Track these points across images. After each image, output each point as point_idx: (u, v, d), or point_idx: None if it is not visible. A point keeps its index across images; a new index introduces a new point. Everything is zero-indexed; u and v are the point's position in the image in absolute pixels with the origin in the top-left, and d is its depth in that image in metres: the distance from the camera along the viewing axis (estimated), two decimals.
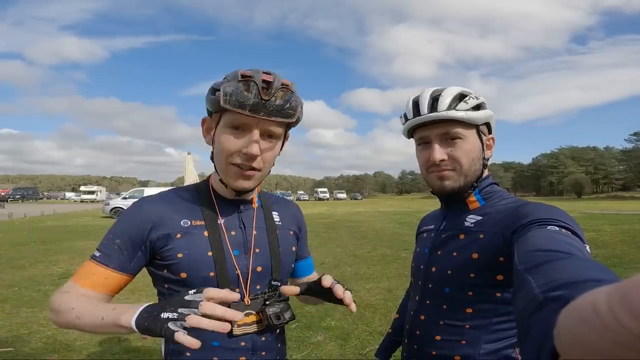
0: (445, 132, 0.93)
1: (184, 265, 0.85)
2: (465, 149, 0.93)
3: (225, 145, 0.84)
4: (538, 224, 0.73)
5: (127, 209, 0.91)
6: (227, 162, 0.85)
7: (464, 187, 0.96)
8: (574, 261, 0.51)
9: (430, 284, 0.98)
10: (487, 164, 0.99)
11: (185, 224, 0.88)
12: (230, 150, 0.84)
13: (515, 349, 0.90)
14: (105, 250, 0.84)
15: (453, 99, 0.92)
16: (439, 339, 0.93)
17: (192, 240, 0.87)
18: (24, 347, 3.35)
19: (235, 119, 0.82)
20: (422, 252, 1.04)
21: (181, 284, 0.86)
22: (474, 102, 0.93)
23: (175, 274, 0.86)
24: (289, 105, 0.83)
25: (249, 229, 0.94)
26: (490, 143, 0.99)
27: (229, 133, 0.84)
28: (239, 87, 0.79)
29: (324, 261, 7.24)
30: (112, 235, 0.86)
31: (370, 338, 3.54)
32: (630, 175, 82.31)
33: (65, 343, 3.42)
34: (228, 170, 0.86)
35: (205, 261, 0.86)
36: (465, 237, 0.93)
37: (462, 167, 0.93)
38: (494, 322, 0.88)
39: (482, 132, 0.97)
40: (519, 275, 0.55)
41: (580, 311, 0.26)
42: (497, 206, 0.94)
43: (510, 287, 0.86)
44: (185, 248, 0.85)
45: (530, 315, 0.42)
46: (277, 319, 0.88)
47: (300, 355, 3.23)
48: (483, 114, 0.95)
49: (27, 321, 3.97)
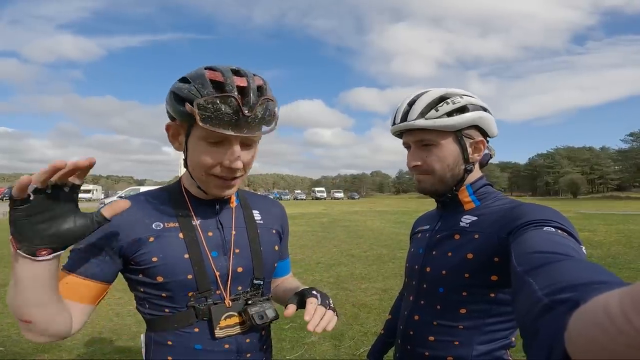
0: (419, 139, 0.96)
1: (159, 268, 0.82)
2: (438, 156, 0.94)
3: (203, 160, 0.79)
4: (534, 225, 0.74)
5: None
6: (207, 174, 0.82)
7: (442, 190, 0.98)
8: (573, 263, 0.51)
9: (424, 284, 0.97)
10: (472, 168, 0.97)
11: (157, 226, 0.85)
12: (208, 165, 0.80)
13: (507, 350, 0.91)
14: (72, 258, 0.81)
15: (427, 106, 0.92)
16: (433, 339, 0.92)
17: (166, 243, 0.84)
18: (14, 347, 3.32)
19: (211, 134, 0.76)
20: (416, 253, 1.04)
21: (158, 288, 0.83)
22: (450, 108, 0.91)
23: (151, 277, 0.83)
24: (268, 112, 0.79)
25: (228, 229, 0.91)
26: (479, 146, 0.97)
27: (205, 147, 0.78)
28: (215, 104, 0.72)
29: (320, 261, 7.23)
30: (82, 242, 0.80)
31: (365, 338, 3.52)
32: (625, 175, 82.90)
33: (56, 343, 3.38)
34: (208, 180, 0.83)
35: (182, 264, 0.83)
36: (460, 238, 0.93)
37: (436, 173, 0.95)
38: (488, 322, 0.88)
39: (468, 135, 0.94)
40: (518, 277, 0.55)
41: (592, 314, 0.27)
42: (492, 207, 0.94)
43: (504, 288, 0.86)
44: (159, 251, 0.82)
45: (536, 319, 0.42)
46: (260, 319, 0.86)
47: (294, 355, 3.20)
48: (462, 118, 0.92)
49: (17, 321, 3.92)
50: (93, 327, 3.76)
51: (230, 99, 0.73)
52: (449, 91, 0.95)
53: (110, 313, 4.20)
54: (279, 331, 3.62)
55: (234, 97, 0.73)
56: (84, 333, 3.63)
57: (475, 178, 0.99)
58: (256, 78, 0.80)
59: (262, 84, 0.80)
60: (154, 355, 0.85)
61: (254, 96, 0.76)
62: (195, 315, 0.84)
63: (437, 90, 0.95)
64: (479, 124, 0.95)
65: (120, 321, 3.96)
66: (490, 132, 0.98)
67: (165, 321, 0.84)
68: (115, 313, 4.20)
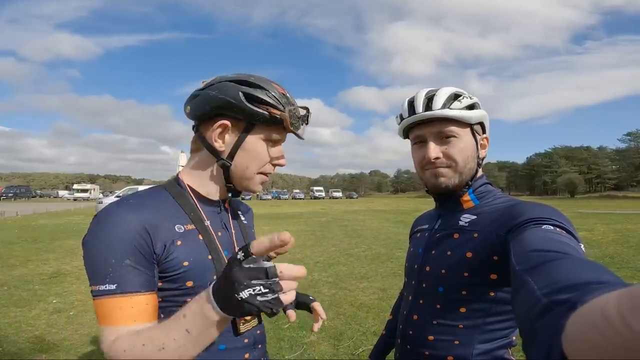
0: (439, 130, 0.95)
1: (190, 273, 0.78)
2: (460, 147, 0.94)
3: (262, 155, 0.87)
4: (533, 223, 0.74)
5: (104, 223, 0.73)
6: (258, 171, 0.88)
7: (458, 185, 0.97)
8: (572, 262, 0.51)
9: (424, 284, 0.97)
10: (481, 164, 1.00)
11: (179, 229, 0.81)
12: (265, 160, 0.88)
13: (509, 349, 0.90)
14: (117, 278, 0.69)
15: (447, 98, 0.94)
16: (432, 339, 0.92)
17: (192, 245, 0.81)
18: (12, 347, 3.31)
19: (276, 135, 0.87)
20: (416, 252, 1.04)
21: (185, 294, 0.78)
22: (467, 102, 0.95)
23: (181, 283, 0.78)
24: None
25: (229, 228, 0.93)
26: (484, 143, 1.01)
27: (265, 144, 0.87)
28: (297, 115, 0.87)
29: (319, 260, 7.23)
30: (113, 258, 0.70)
31: (364, 338, 3.52)
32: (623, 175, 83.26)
33: (54, 343, 3.38)
34: (255, 178, 0.88)
35: (208, 266, 0.82)
36: (460, 237, 0.93)
37: (457, 165, 0.95)
38: (488, 321, 0.88)
39: (476, 131, 0.98)
40: (517, 276, 0.55)
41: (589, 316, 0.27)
42: (491, 205, 0.94)
43: (504, 287, 0.86)
44: (189, 255, 0.79)
45: (535, 319, 0.42)
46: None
47: (293, 355, 3.20)
48: (476, 113, 0.96)
49: (15, 321, 3.93)
50: (91, 327, 3.75)
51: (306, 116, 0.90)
52: (459, 90, 0.98)
53: None
54: (278, 330, 3.62)
55: (306, 109, 0.90)
56: (82, 333, 3.62)
57: (475, 177, 1.00)
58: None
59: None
60: None
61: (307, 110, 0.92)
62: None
63: (449, 88, 0.98)
64: (485, 121, 1.00)
65: None
66: (487, 131, 1.02)
67: None
68: None
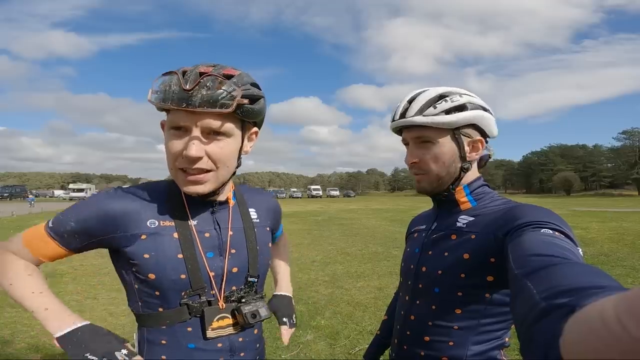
0: (417, 136, 0.96)
1: (150, 265, 0.82)
2: (435, 153, 0.94)
3: (168, 147, 0.80)
4: (532, 227, 0.74)
5: (98, 195, 0.87)
6: (175, 167, 0.81)
7: (437, 189, 0.98)
8: (572, 266, 0.51)
9: (420, 284, 0.97)
10: (469, 167, 0.97)
11: (152, 224, 0.84)
12: (172, 153, 0.79)
13: (501, 350, 0.91)
14: (57, 225, 0.83)
15: (426, 103, 0.93)
16: (428, 339, 0.93)
17: (160, 241, 0.83)
18: (7, 348, 3.29)
19: (173, 118, 0.78)
20: (412, 252, 1.04)
21: (150, 285, 0.83)
22: (446, 106, 0.92)
23: (142, 274, 0.83)
24: (225, 95, 0.75)
25: (225, 229, 0.91)
26: (477, 145, 0.96)
27: (171, 134, 0.79)
28: (163, 81, 0.77)
29: (316, 259, 7.23)
30: (72, 215, 0.83)
31: (360, 337, 3.52)
32: (618, 173, 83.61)
33: (49, 344, 3.36)
34: (177, 175, 0.82)
35: (175, 263, 0.83)
36: (457, 238, 0.93)
37: (431, 171, 0.96)
38: (483, 323, 0.88)
39: (465, 134, 0.94)
40: (516, 280, 0.56)
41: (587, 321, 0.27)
42: (489, 207, 0.94)
43: (500, 289, 0.86)
44: (151, 249, 0.82)
45: (533, 323, 0.42)
46: (253, 317, 0.87)
47: (290, 354, 3.20)
48: (460, 116, 0.92)
49: (10, 321, 3.90)
50: None
51: (173, 76, 0.76)
52: (449, 90, 0.95)
53: (104, 313, 4.18)
54: (275, 330, 3.62)
55: (176, 72, 0.77)
56: None
57: (472, 178, 0.99)
58: (230, 69, 0.80)
59: (234, 73, 0.80)
60: (147, 354, 0.85)
61: (195, 73, 0.76)
62: (189, 312, 0.84)
63: (437, 89, 0.95)
64: (478, 123, 0.95)
65: (114, 321, 3.94)
66: (489, 132, 0.97)
67: (158, 317, 0.84)
68: (109, 313, 4.18)
